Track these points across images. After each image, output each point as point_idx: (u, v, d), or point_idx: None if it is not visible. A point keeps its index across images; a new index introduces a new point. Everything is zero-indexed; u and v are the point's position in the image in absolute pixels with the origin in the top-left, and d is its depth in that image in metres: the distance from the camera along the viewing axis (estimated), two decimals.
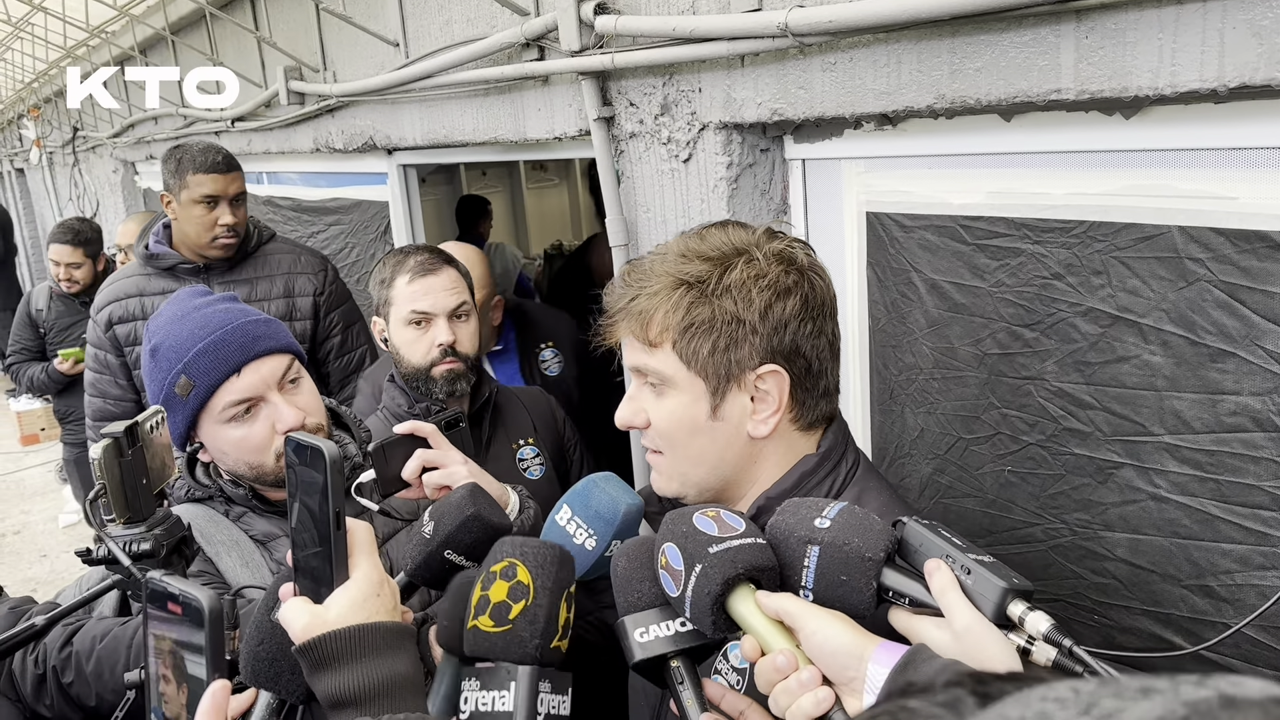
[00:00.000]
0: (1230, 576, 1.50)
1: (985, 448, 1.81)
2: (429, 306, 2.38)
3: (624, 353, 1.36)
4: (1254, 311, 1.40)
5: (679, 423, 1.33)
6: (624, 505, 1.41)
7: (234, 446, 1.74)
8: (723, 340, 1.29)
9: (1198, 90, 1.27)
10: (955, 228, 1.77)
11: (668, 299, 1.30)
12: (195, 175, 3.22)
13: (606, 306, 1.37)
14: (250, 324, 1.76)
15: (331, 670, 1.04)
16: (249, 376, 1.71)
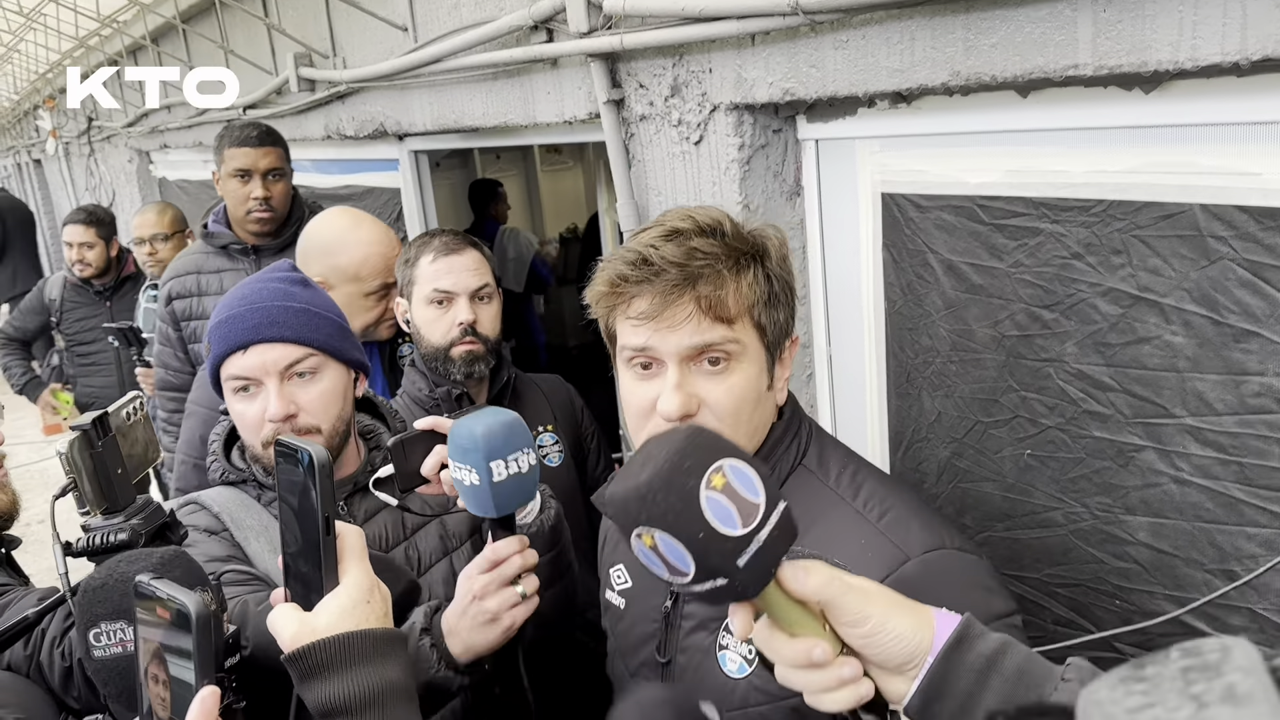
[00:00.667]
0: (1255, 561, 1.47)
1: (1004, 431, 1.79)
2: (451, 285, 2.39)
3: (660, 339, 1.28)
4: (1278, 290, 1.36)
5: (745, 396, 1.32)
6: (479, 428, 1.39)
7: (237, 419, 1.78)
8: (785, 309, 1.36)
9: (1219, 64, 1.23)
10: (972, 207, 1.74)
11: (743, 271, 1.30)
12: (229, 149, 3.33)
13: (616, 291, 1.32)
14: (276, 308, 1.75)
15: (320, 679, 1.03)
16: (252, 358, 1.72)
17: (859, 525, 1.31)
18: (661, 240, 1.29)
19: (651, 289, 1.28)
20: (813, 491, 1.37)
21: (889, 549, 1.26)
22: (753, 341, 1.32)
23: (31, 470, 8.11)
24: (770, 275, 1.33)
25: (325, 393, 1.77)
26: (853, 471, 1.39)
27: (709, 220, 1.33)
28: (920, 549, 1.26)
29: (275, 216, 3.36)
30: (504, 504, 1.42)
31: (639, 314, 1.29)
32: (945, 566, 1.26)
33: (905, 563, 1.25)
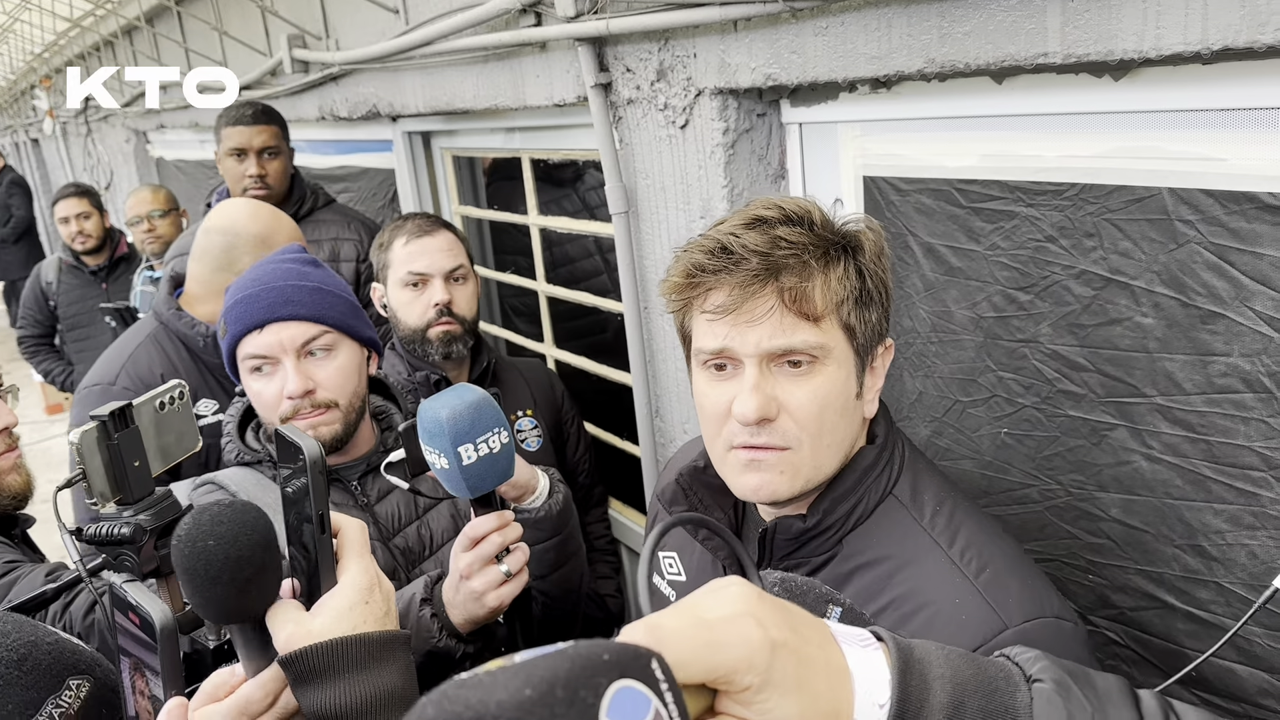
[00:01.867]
0: (1221, 536, 1.52)
1: (982, 410, 1.83)
2: (425, 267, 2.41)
3: (739, 335, 1.20)
4: (1243, 273, 1.40)
5: (829, 403, 1.21)
6: (444, 412, 1.37)
7: (254, 398, 1.82)
8: (878, 309, 1.25)
9: (1181, 53, 1.26)
10: (950, 191, 1.77)
11: (833, 265, 1.19)
12: (225, 129, 3.38)
13: (692, 282, 1.23)
14: (290, 287, 1.79)
15: (315, 685, 0.98)
16: (269, 336, 1.77)
17: (954, 579, 1.19)
18: (743, 228, 1.20)
19: (731, 279, 1.18)
20: (903, 529, 1.26)
21: (986, 613, 1.15)
22: (840, 344, 1.21)
23: (34, 450, 8.17)
24: (863, 271, 1.22)
25: (341, 369, 1.81)
26: (949, 511, 1.27)
27: (797, 209, 1.22)
28: (1020, 617, 1.15)
29: (271, 194, 3.39)
30: (477, 485, 1.42)
31: (716, 307, 1.20)
32: (1044, 639, 1.14)
33: (1003, 632, 1.14)
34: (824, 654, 0.64)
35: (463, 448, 1.38)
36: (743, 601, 0.63)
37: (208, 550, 0.95)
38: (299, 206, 3.47)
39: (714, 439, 1.26)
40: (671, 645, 0.57)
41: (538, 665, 0.52)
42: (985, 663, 0.72)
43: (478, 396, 1.40)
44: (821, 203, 1.29)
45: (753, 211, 1.23)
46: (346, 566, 1.07)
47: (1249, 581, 1.49)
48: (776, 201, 1.24)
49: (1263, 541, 1.46)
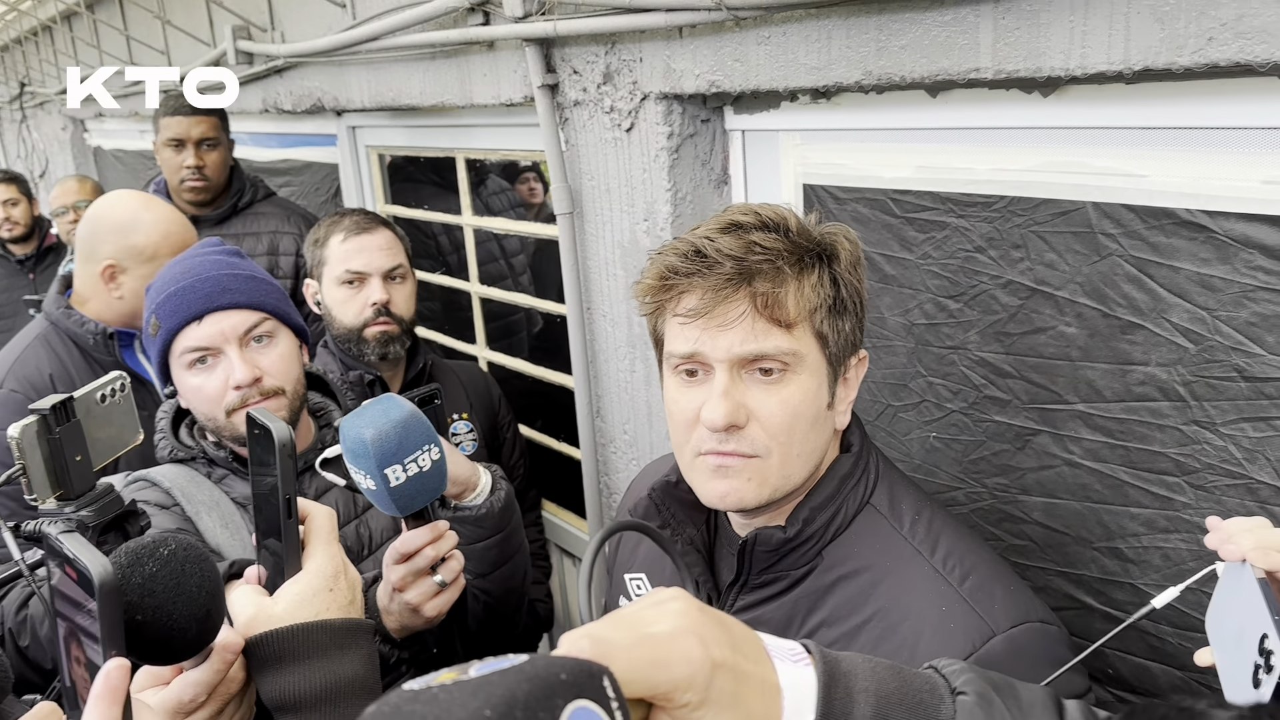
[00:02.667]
0: (1137, 539, 1.57)
1: (912, 414, 1.87)
2: (363, 265, 2.39)
3: (709, 340, 1.19)
4: (1161, 285, 1.45)
5: (802, 413, 1.20)
6: (368, 433, 1.30)
7: (193, 394, 1.78)
8: (851, 319, 1.24)
9: (1105, 72, 1.31)
10: (886, 200, 1.81)
11: (808, 272, 1.19)
12: (164, 118, 3.34)
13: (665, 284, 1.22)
14: (226, 276, 1.78)
15: (274, 670, 0.97)
16: (209, 326, 1.74)
17: (939, 588, 1.20)
18: (718, 233, 1.19)
19: (703, 283, 1.17)
20: (883, 538, 1.26)
21: (974, 620, 1.16)
22: (812, 352, 1.20)
23: None
24: (838, 279, 1.22)
25: (283, 355, 1.80)
26: (928, 519, 1.27)
27: (773, 215, 1.22)
28: (1007, 623, 1.17)
29: (209, 186, 3.36)
30: (407, 505, 1.36)
31: (688, 310, 1.19)
32: (1030, 643, 1.17)
33: (991, 638, 1.15)
34: (759, 671, 0.65)
35: (390, 469, 1.30)
36: (685, 617, 0.63)
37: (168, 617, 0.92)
38: (238, 199, 3.45)
39: (682, 446, 1.26)
40: (616, 661, 0.57)
41: (495, 684, 0.51)
42: (911, 675, 0.73)
43: (405, 413, 1.32)
44: (799, 211, 1.30)
45: (729, 217, 1.23)
46: (313, 553, 1.06)
47: (1162, 583, 1.55)
48: (754, 208, 1.24)
49: (1176, 545, 1.52)
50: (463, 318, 3.42)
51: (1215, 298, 1.40)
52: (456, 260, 3.36)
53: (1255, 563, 0.95)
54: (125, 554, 0.94)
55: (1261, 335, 1.36)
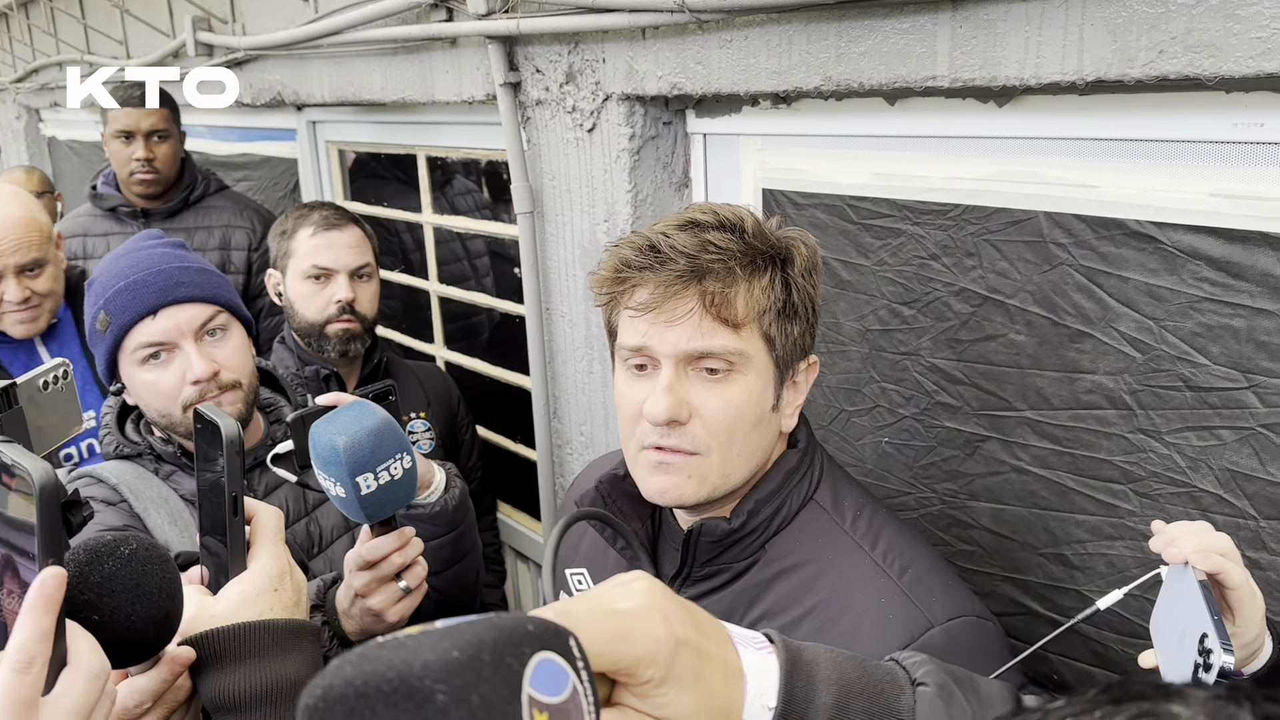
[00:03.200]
0: (1083, 546, 1.59)
1: (865, 419, 1.88)
2: (330, 262, 2.37)
3: (658, 335, 1.20)
4: (1110, 295, 1.48)
5: (745, 413, 1.21)
6: (340, 440, 1.26)
7: (145, 390, 1.73)
8: (801, 324, 1.25)
9: (1059, 82, 1.33)
10: (844, 207, 1.83)
11: (759, 275, 1.20)
12: (113, 110, 3.25)
13: (619, 277, 1.24)
14: (178, 269, 1.74)
15: (214, 670, 0.95)
16: (164, 321, 1.70)
17: (879, 581, 1.22)
18: (676, 229, 1.21)
19: (655, 278, 1.19)
20: (825, 533, 1.28)
21: (912, 612, 1.19)
22: (759, 354, 1.22)
23: None
24: (790, 284, 1.23)
25: (238, 349, 1.78)
26: (869, 515, 1.30)
27: (731, 216, 1.24)
28: (944, 616, 1.19)
29: (160, 179, 3.30)
30: (375, 513, 1.32)
31: (639, 304, 1.21)
32: (967, 637, 1.19)
33: (929, 630, 1.17)
34: (721, 653, 0.66)
35: (361, 478, 1.27)
36: (650, 596, 0.64)
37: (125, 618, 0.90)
38: (189, 192, 3.38)
39: (628, 439, 1.27)
40: (581, 634, 0.57)
41: (463, 631, 0.52)
42: (873, 666, 0.74)
43: (378, 421, 1.29)
44: (759, 213, 1.31)
45: (689, 214, 1.25)
46: (258, 553, 1.03)
47: (1106, 590, 1.56)
48: (714, 207, 1.26)
49: (1120, 551, 1.54)
50: (422, 317, 3.40)
51: (1162, 308, 1.42)
52: (419, 259, 3.33)
53: (1197, 565, 0.98)
54: (84, 550, 0.91)
55: (1206, 345, 1.38)
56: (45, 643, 0.78)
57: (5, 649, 0.77)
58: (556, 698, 0.53)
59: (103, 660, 0.84)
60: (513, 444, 3.07)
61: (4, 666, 0.77)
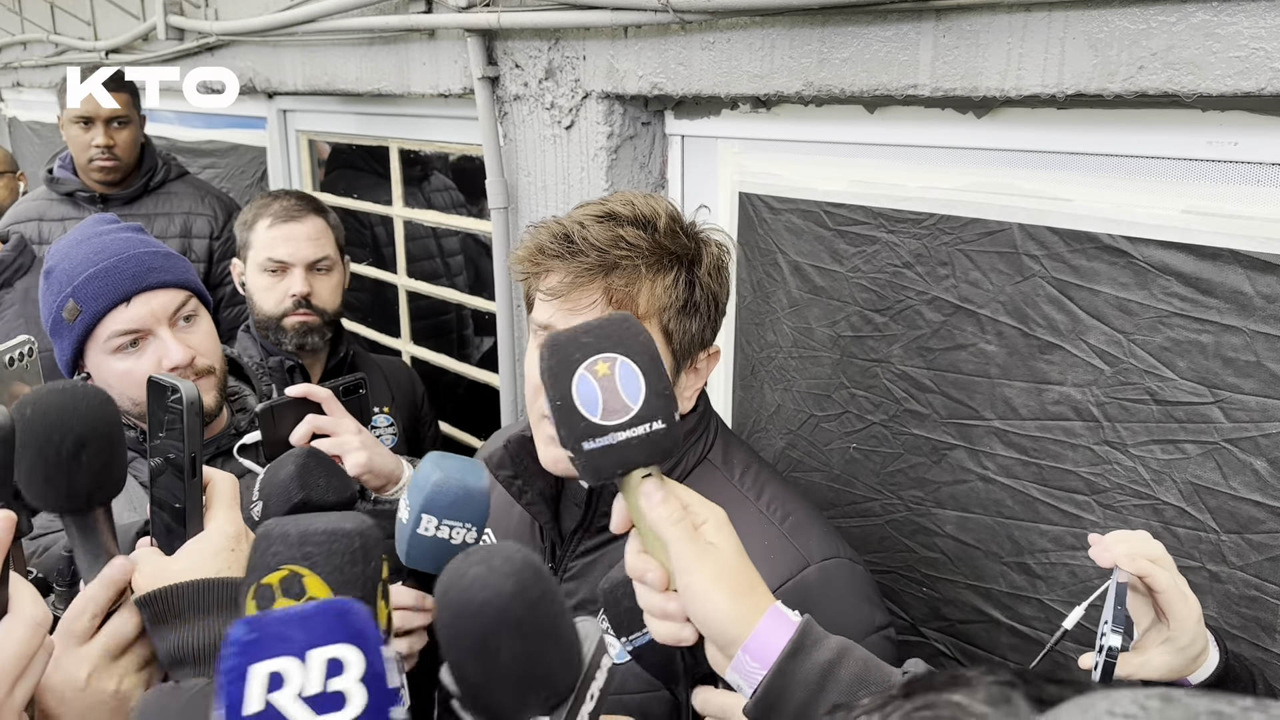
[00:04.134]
0: (1046, 555, 1.61)
1: (834, 425, 1.89)
2: (286, 255, 2.33)
3: (562, 319, 1.26)
4: (1080, 308, 1.49)
5: None
6: (436, 474, 1.25)
7: (119, 379, 1.70)
8: (701, 320, 1.33)
9: (1039, 95, 1.34)
10: (819, 213, 1.83)
11: (664, 274, 1.28)
12: (71, 72, 3.18)
13: (533, 260, 1.30)
14: (147, 255, 1.72)
15: (172, 626, 0.96)
16: (138, 308, 1.68)
17: (762, 526, 1.32)
18: (592, 220, 1.28)
19: (565, 267, 1.27)
20: (716, 486, 1.37)
21: (791, 552, 1.30)
22: (658, 346, 1.28)
23: None
24: (695, 283, 1.31)
25: (209, 334, 1.76)
26: (755, 472, 1.41)
27: (648, 210, 1.31)
28: (820, 556, 1.31)
29: (120, 165, 3.24)
30: (415, 557, 1.27)
31: (548, 289, 1.29)
32: (840, 575, 1.31)
33: (806, 568, 1.29)
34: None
35: (428, 517, 1.25)
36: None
37: (64, 425, 0.94)
38: (149, 178, 3.31)
39: (531, 406, 1.36)
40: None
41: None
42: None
43: (478, 488, 1.27)
44: (683, 209, 1.37)
45: (609, 205, 1.32)
46: (214, 515, 1.05)
47: (1068, 599, 1.59)
48: (634, 199, 1.33)
49: (1083, 562, 1.56)
50: (390, 312, 3.37)
51: (1132, 321, 1.44)
52: (391, 253, 3.30)
53: (1124, 566, 1.08)
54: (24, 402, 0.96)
55: (1174, 360, 1.40)
56: None
57: None
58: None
59: (44, 610, 0.85)
60: (478, 441, 3.06)
61: None
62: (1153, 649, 1.11)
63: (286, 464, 1.34)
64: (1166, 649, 1.10)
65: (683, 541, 0.90)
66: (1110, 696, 0.37)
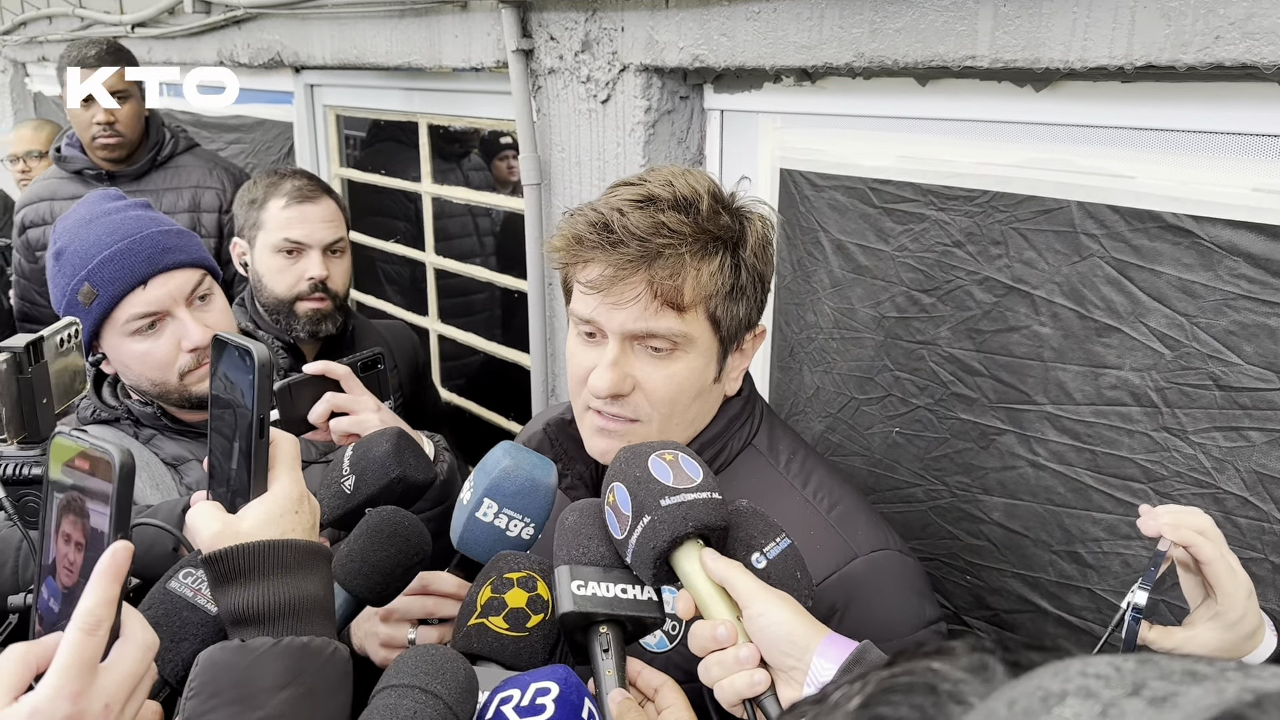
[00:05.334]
0: (1098, 544, 1.56)
1: (876, 409, 1.85)
2: (304, 236, 2.28)
3: (605, 313, 1.23)
4: (1141, 289, 1.44)
5: (686, 388, 1.27)
6: (506, 461, 1.24)
7: (137, 361, 1.68)
8: (748, 302, 1.29)
9: (1106, 66, 1.29)
10: (865, 190, 1.78)
11: (708, 259, 1.23)
12: (68, 69, 3.13)
13: (571, 250, 1.26)
14: (161, 234, 1.69)
15: (237, 585, 0.98)
16: (155, 289, 1.66)
17: (808, 514, 1.29)
18: (631, 205, 1.22)
19: (606, 259, 1.21)
20: (761, 473, 1.35)
21: (838, 543, 1.26)
22: (704, 334, 1.26)
23: None
24: (740, 265, 1.26)
25: (224, 311, 1.75)
26: (802, 459, 1.37)
27: (689, 192, 1.24)
28: (868, 547, 1.27)
29: (124, 141, 3.19)
30: (466, 542, 1.25)
31: (589, 282, 1.23)
32: (888, 567, 1.27)
33: (853, 560, 1.25)
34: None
35: (488, 502, 1.23)
36: None
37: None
38: (156, 151, 3.26)
39: (576, 396, 1.33)
40: None
41: None
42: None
43: (547, 484, 1.26)
44: (724, 184, 1.32)
45: (648, 187, 1.25)
46: (278, 476, 1.05)
47: (1120, 590, 1.54)
48: (672, 178, 1.26)
49: (1137, 551, 1.51)
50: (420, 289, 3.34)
51: (1196, 304, 1.39)
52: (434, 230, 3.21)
53: (1167, 536, 1.09)
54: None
55: (1240, 344, 1.35)
56: (111, 609, 0.85)
57: (75, 611, 0.84)
58: None
59: (153, 635, 0.90)
60: (506, 421, 3.02)
61: (72, 627, 0.83)
62: (1201, 624, 1.09)
63: (381, 441, 1.34)
64: (1214, 625, 1.07)
65: (748, 578, 0.97)
66: (1087, 660, 0.37)
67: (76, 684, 0.82)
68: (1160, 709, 0.33)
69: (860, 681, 0.42)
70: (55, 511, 0.94)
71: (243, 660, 0.93)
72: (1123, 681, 0.35)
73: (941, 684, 0.39)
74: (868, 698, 0.40)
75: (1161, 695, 0.33)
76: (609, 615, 1.04)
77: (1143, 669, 0.35)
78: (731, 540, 1.04)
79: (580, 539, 1.08)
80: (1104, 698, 0.34)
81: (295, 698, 0.93)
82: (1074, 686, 0.35)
